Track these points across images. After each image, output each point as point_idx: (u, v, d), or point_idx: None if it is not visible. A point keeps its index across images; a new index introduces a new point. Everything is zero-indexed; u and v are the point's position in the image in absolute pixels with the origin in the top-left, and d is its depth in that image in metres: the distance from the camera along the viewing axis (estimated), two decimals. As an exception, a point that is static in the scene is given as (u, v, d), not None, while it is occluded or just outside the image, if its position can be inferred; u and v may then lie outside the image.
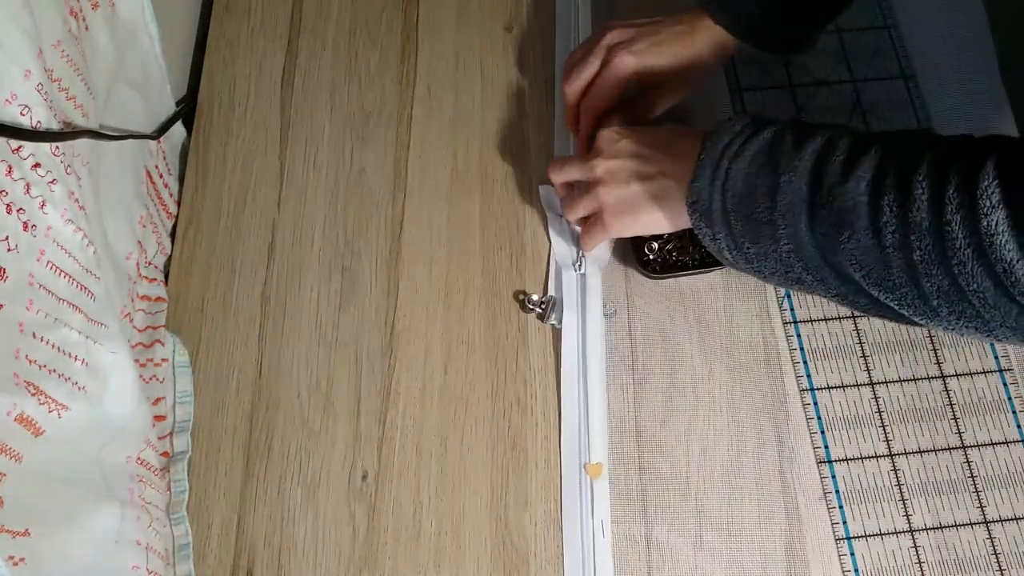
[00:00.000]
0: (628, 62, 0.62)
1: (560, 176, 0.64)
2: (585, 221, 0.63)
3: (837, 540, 0.59)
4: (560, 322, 0.65)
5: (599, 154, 0.60)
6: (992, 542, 0.59)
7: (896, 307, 0.47)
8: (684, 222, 0.56)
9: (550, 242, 0.68)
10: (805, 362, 0.65)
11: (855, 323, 0.66)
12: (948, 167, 0.43)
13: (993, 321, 0.44)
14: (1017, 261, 0.40)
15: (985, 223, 0.41)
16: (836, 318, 0.66)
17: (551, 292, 0.66)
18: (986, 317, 0.44)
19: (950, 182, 0.42)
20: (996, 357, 0.65)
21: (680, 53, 0.63)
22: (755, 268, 0.53)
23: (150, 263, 0.65)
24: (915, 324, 0.48)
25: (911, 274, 0.44)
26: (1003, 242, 0.40)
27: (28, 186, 0.43)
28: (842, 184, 0.46)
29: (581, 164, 0.61)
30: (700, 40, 0.63)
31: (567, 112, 0.68)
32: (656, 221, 0.58)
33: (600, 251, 0.67)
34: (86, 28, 0.53)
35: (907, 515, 0.60)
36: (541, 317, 0.66)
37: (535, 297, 0.66)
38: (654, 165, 0.57)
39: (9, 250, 0.42)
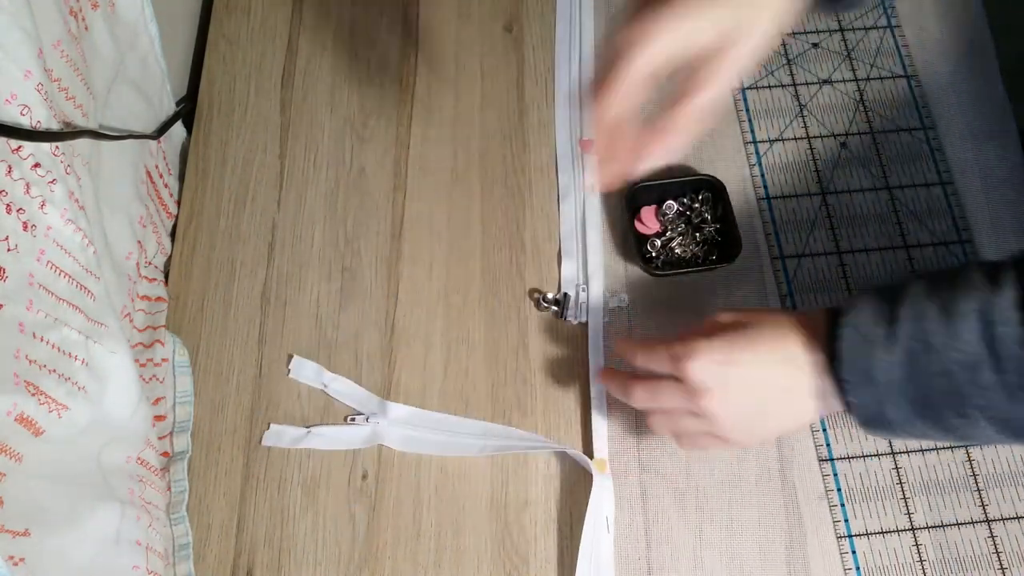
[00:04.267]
0: (648, 31, 0.44)
1: (672, 432, 0.56)
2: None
3: (839, 538, 0.59)
4: (576, 318, 0.65)
5: (705, 395, 0.51)
6: (993, 541, 0.59)
7: None
8: (828, 408, 0.52)
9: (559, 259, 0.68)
10: (806, 361, 0.65)
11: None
12: None
13: None
14: None
15: None
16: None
17: (563, 289, 0.66)
18: None
19: None
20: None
21: (721, 16, 0.44)
22: (947, 442, 0.51)
23: (150, 263, 0.65)
24: None
25: None
26: None
27: (28, 186, 0.43)
28: None
29: (684, 414, 0.53)
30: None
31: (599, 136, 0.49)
32: (793, 427, 0.55)
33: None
34: (86, 28, 0.53)
35: (909, 513, 0.60)
36: (558, 315, 0.65)
37: (550, 296, 0.66)
38: (779, 390, 0.51)
39: (9, 250, 0.42)
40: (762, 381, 0.51)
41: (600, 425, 0.62)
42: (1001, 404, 0.45)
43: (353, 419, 0.62)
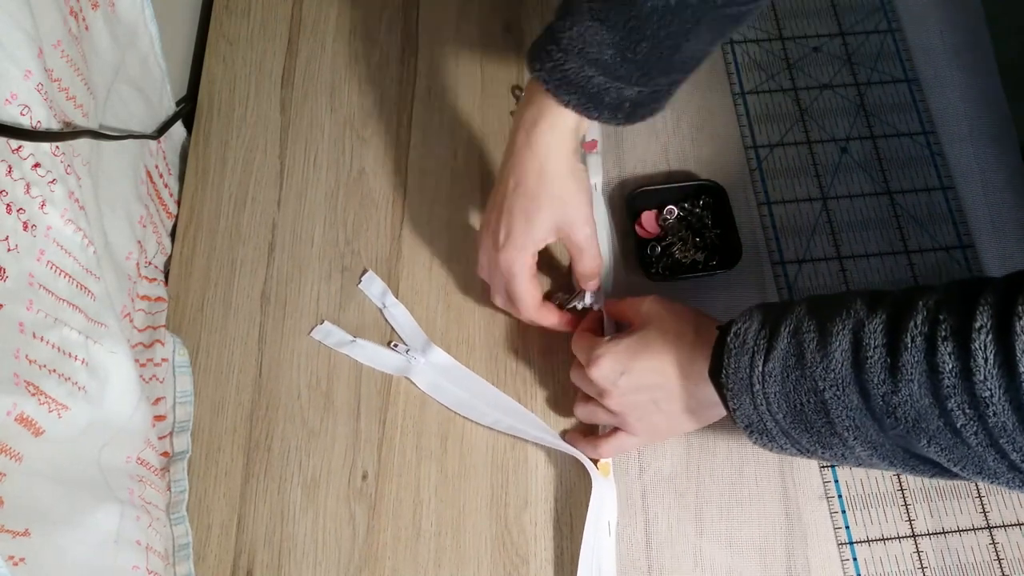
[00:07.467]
0: (511, 257, 0.57)
1: (586, 418, 0.60)
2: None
3: (839, 544, 0.59)
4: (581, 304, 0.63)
5: (606, 395, 0.56)
6: (995, 547, 0.59)
7: (984, 481, 0.45)
8: (719, 414, 0.55)
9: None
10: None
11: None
12: (1005, 332, 0.39)
13: None
14: None
15: None
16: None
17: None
18: None
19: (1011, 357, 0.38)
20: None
21: (550, 218, 0.57)
22: (827, 460, 0.50)
23: (150, 263, 0.65)
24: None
25: (1002, 456, 0.41)
26: None
27: (28, 186, 0.43)
28: (895, 394, 0.42)
29: (598, 406, 0.58)
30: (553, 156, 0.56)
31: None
32: (692, 427, 0.58)
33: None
34: (86, 28, 0.52)
35: (910, 520, 0.60)
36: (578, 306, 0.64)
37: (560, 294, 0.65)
38: (669, 393, 0.55)
39: (9, 250, 0.42)
40: (655, 385, 0.55)
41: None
42: (869, 429, 0.45)
43: (395, 346, 0.64)
